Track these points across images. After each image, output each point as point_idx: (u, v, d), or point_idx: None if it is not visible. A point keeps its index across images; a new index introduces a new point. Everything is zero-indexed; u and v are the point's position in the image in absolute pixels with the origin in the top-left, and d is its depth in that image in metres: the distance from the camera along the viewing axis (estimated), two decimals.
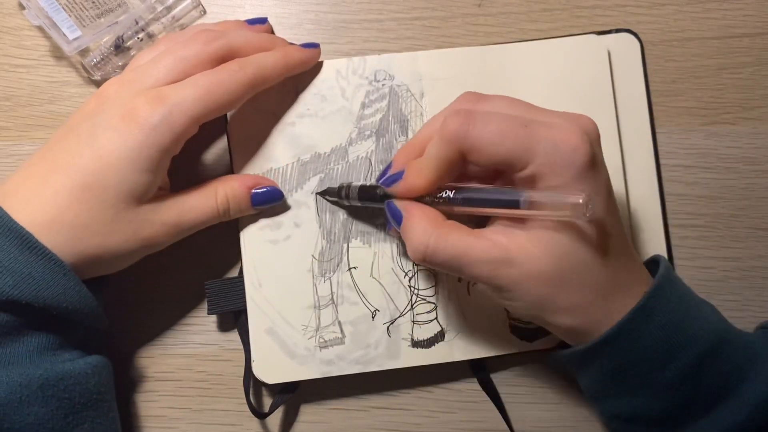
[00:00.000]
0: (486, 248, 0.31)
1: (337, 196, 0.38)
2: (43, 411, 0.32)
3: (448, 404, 0.41)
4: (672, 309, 0.33)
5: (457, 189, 0.32)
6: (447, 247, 0.31)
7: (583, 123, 0.32)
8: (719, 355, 0.33)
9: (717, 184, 0.43)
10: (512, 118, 0.31)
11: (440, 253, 0.32)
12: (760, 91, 0.43)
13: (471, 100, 0.34)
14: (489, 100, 0.33)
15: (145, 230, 0.35)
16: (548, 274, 0.31)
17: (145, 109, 0.33)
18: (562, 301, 0.32)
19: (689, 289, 0.35)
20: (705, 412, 0.33)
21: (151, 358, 0.41)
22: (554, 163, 0.30)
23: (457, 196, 0.32)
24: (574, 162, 0.30)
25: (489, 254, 0.31)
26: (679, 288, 0.34)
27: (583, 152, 0.30)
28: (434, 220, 0.33)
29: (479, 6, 0.43)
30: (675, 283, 0.34)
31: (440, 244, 0.31)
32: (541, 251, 0.31)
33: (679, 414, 0.33)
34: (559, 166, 0.30)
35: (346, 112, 0.40)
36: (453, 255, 0.31)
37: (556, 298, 0.32)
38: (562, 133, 0.30)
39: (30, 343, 0.33)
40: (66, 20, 0.39)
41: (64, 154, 0.34)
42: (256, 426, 0.41)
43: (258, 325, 0.39)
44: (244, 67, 0.36)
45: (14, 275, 0.31)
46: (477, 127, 0.31)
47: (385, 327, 0.39)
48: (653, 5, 0.43)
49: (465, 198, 0.32)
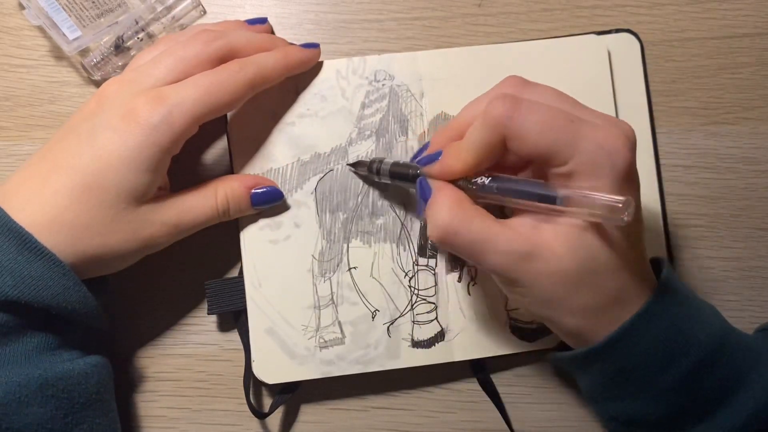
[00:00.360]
0: (510, 239, 0.30)
1: (368, 171, 0.38)
2: (42, 411, 0.32)
3: (448, 404, 0.41)
4: (674, 313, 0.32)
5: (493, 177, 0.32)
6: (471, 231, 0.31)
7: (626, 128, 0.31)
8: (719, 360, 0.32)
9: (717, 184, 0.43)
10: (559, 111, 0.30)
11: (462, 236, 0.31)
12: (760, 91, 0.43)
13: (517, 85, 0.33)
14: (536, 89, 0.32)
15: (144, 230, 0.35)
16: (568, 274, 0.30)
17: (145, 109, 0.33)
18: (575, 302, 0.31)
19: (691, 292, 0.35)
20: (704, 417, 0.33)
21: (151, 358, 0.41)
22: (595, 163, 0.29)
23: (492, 184, 0.31)
24: (616, 165, 0.29)
25: (511, 246, 0.30)
26: (681, 292, 0.34)
27: (624, 157, 0.30)
28: (462, 202, 0.32)
29: (479, 6, 0.43)
30: (677, 287, 0.34)
31: (464, 226, 0.31)
32: (565, 250, 0.30)
33: (677, 418, 0.33)
34: (600, 166, 0.29)
35: (346, 112, 0.40)
36: (475, 240, 0.31)
37: (569, 299, 0.31)
38: (608, 134, 0.30)
39: (29, 343, 0.33)
40: (66, 20, 0.39)
41: (64, 154, 0.34)
42: (256, 426, 0.41)
43: (258, 325, 0.39)
44: (244, 67, 0.35)
45: (14, 275, 0.31)
46: (523, 114, 0.30)
47: (385, 327, 0.39)
48: (653, 5, 0.43)
49: (501, 187, 0.31)
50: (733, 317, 0.37)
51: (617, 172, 0.30)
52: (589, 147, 0.29)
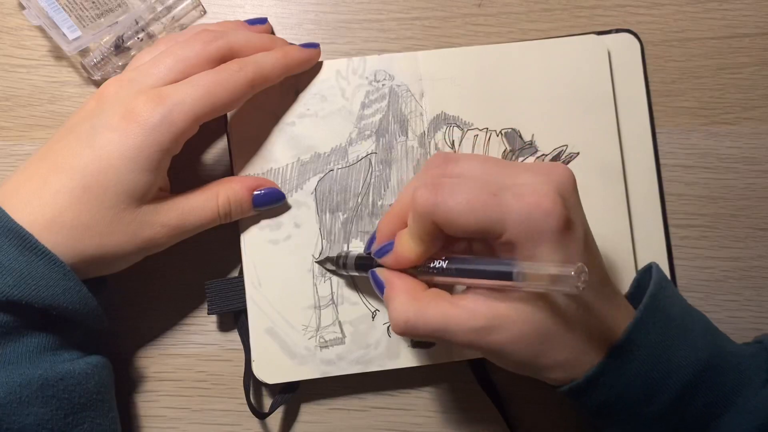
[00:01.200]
0: (466, 320, 0.31)
1: (335, 266, 0.38)
2: (42, 411, 0.32)
3: (448, 404, 0.41)
4: (652, 342, 0.32)
5: (450, 259, 0.32)
6: (428, 322, 0.31)
7: (556, 177, 0.31)
8: (704, 384, 0.32)
9: (717, 184, 0.43)
10: (481, 186, 0.30)
11: (420, 327, 0.31)
12: (760, 91, 0.43)
13: (439, 164, 0.33)
14: (458, 162, 0.32)
15: (145, 232, 0.35)
16: (530, 338, 0.31)
17: (145, 108, 0.33)
18: (549, 359, 0.31)
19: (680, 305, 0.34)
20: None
21: (151, 358, 0.41)
22: (528, 231, 0.29)
23: (451, 266, 0.31)
24: (549, 228, 0.29)
25: (469, 324, 0.31)
26: (664, 313, 0.33)
27: (556, 216, 0.29)
28: (413, 292, 0.32)
29: (479, 6, 0.43)
30: (659, 310, 0.33)
31: (420, 318, 0.31)
32: (521, 316, 0.30)
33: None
34: (533, 233, 0.29)
35: (346, 112, 0.40)
36: (434, 329, 0.31)
37: (542, 358, 0.31)
38: (534, 197, 0.29)
39: (30, 344, 0.33)
40: (66, 20, 0.39)
41: (64, 155, 0.34)
42: (256, 426, 0.41)
43: (258, 325, 0.39)
44: (244, 66, 0.35)
45: (14, 275, 0.31)
46: (445, 199, 0.30)
47: (385, 327, 0.39)
48: (653, 5, 0.43)
49: (458, 269, 0.31)
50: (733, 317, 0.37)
51: (552, 233, 0.29)
52: (517, 218, 0.29)
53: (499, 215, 0.29)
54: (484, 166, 0.32)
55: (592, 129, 0.40)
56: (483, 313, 0.31)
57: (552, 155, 0.40)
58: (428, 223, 0.31)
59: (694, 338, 0.33)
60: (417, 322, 0.31)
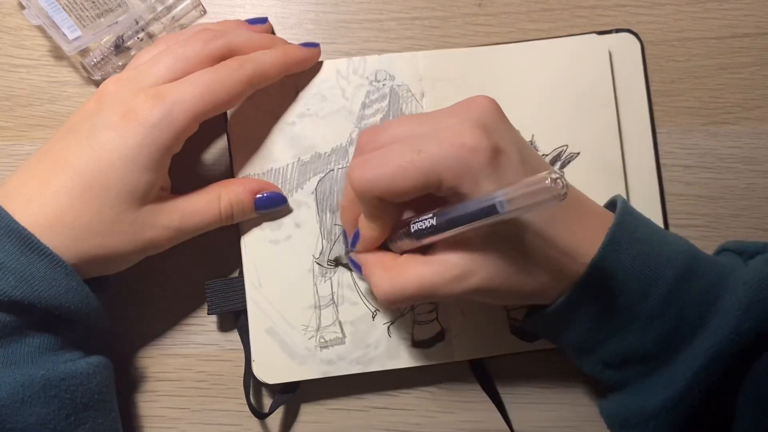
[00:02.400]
0: (441, 272, 0.31)
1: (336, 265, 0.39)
2: (44, 411, 0.32)
3: (448, 404, 0.41)
4: (639, 238, 0.33)
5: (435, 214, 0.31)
6: (405, 285, 0.32)
7: (474, 111, 0.31)
8: (695, 273, 0.33)
9: (717, 184, 0.43)
10: (406, 147, 0.30)
11: (401, 294, 0.32)
12: (760, 91, 0.43)
13: (370, 138, 0.33)
14: (387, 129, 0.33)
15: (146, 233, 0.35)
16: (506, 270, 0.31)
17: (145, 107, 0.33)
18: (532, 285, 0.32)
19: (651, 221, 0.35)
20: (695, 332, 0.33)
21: (151, 358, 0.41)
22: (461, 173, 0.29)
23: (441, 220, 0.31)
24: (479, 163, 0.29)
25: (446, 276, 0.31)
26: (642, 219, 0.34)
27: (481, 150, 0.29)
28: (387, 263, 0.33)
29: (479, 6, 0.43)
30: (636, 215, 0.34)
31: (398, 285, 0.32)
32: (491, 254, 0.31)
33: (670, 341, 0.33)
34: (467, 173, 0.29)
35: (346, 112, 0.40)
36: (414, 290, 0.32)
37: (522, 287, 0.32)
38: (455, 139, 0.30)
39: (32, 344, 0.33)
40: (66, 20, 0.39)
41: (65, 154, 0.34)
42: (256, 426, 0.41)
43: (258, 325, 0.39)
44: (243, 64, 0.35)
45: (16, 276, 0.31)
46: (376, 171, 0.30)
47: (385, 327, 0.39)
48: (653, 5, 0.43)
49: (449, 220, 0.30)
50: None
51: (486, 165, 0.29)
52: (447, 164, 0.29)
53: (429, 168, 0.30)
54: (409, 125, 0.32)
55: (593, 129, 0.40)
56: (454, 262, 0.31)
57: (552, 155, 0.40)
58: (372, 199, 0.31)
59: (674, 237, 0.35)
60: (396, 290, 0.32)
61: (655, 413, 0.33)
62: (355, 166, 0.31)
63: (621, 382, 0.35)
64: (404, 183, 0.30)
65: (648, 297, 0.33)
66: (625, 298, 0.33)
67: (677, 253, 0.33)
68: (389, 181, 0.30)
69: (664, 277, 0.33)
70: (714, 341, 0.32)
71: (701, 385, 0.32)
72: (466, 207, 0.29)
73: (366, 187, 0.31)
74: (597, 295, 0.33)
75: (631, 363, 0.34)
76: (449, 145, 0.30)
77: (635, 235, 0.33)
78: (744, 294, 0.32)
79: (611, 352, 0.34)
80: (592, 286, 0.32)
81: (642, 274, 0.32)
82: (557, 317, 0.34)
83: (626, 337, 0.34)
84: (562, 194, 0.25)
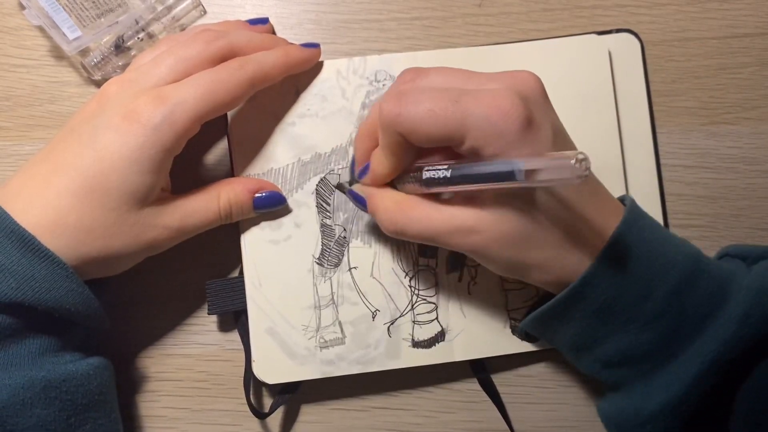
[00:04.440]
0: (448, 219, 0.32)
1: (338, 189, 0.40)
2: (45, 413, 0.32)
3: (448, 404, 0.41)
4: (645, 238, 0.33)
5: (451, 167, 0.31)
6: (410, 224, 0.33)
7: (518, 82, 0.31)
8: (699, 276, 0.33)
9: (717, 184, 0.43)
10: (443, 95, 0.30)
11: (408, 229, 0.33)
12: (760, 91, 0.43)
13: (409, 78, 0.34)
14: (427, 75, 0.33)
15: (147, 234, 0.35)
16: (511, 236, 0.32)
17: (147, 108, 0.33)
18: (533, 258, 0.32)
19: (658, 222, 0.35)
20: (694, 336, 0.33)
21: (152, 358, 0.41)
22: (488, 134, 0.29)
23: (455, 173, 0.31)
24: (508, 129, 0.29)
25: (452, 224, 0.32)
26: (649, 219, 0.34)
27: (515, 117, 0.29)
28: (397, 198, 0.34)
29: (479, 6, 0.43)
30: (644, 215, 0.34)
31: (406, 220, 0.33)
32: (500, 218, 0.31)
33: (669, 342, 0.33)
34: (493, 136, 0.29)
35: (346, 113, 0.40)
36: (418, 231, 0.33)
37: (525, 258, 0.32)
38: (492, 100, 0.30)
39: (32, 345, 0.33)
40: (66, 20, 0.39)
41: (66, 156, 0.33)
42: (256, 426, 0.41)
43: (258, 325, 0.39)
44: (244, 65, 0.35)
45: (17, 277, 0.31)
46: (408, 109, 0.30)
47: (385, 327, 0.40)
48: (653, 5, 0.43)
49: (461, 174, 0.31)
50: None
51: (512, 134, 0.29)
52: (476, 122, 0.29)
53: (460, 120, 0.30)
54: (451, 76, 0.33)
55: (593, 129, 0.40)
56: (463, 216, 0.32)
57: None
58: (395, 134, 0.32)
59: (678, 240, 0.35)
60: (400, 226, 0.33)
61: (652, 417, 0.33)
62: (390, 97, 0.31)
63: (618, 381, 0.35)
64: (431, 128, 0.30)
65: (649, 298, 0.33)
66: (626, 297, 0.33)
67: (682, 255, 0.33)
68: (418, 121, 0.30)
69: (667, 279, 0.33)
70: (714, 346, 0.32)
71: (699, 390, 0.32)
72: (484, 167, 0.29)
73: (394, 120, 0.31)
74: (597, 294, 0.33)
75: (629, 363, 0.34)
76: (486, 104, 0.30)
77: (642, 235, 0.33)
78: (745, 300, 0.32)
79: (611, 351, 0.34)
80: (593, 284, 0.32)
81: (645, 274, 0.32)
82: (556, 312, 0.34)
83: (625, 337, 0.34)
84: (583, 176, 0.26)
